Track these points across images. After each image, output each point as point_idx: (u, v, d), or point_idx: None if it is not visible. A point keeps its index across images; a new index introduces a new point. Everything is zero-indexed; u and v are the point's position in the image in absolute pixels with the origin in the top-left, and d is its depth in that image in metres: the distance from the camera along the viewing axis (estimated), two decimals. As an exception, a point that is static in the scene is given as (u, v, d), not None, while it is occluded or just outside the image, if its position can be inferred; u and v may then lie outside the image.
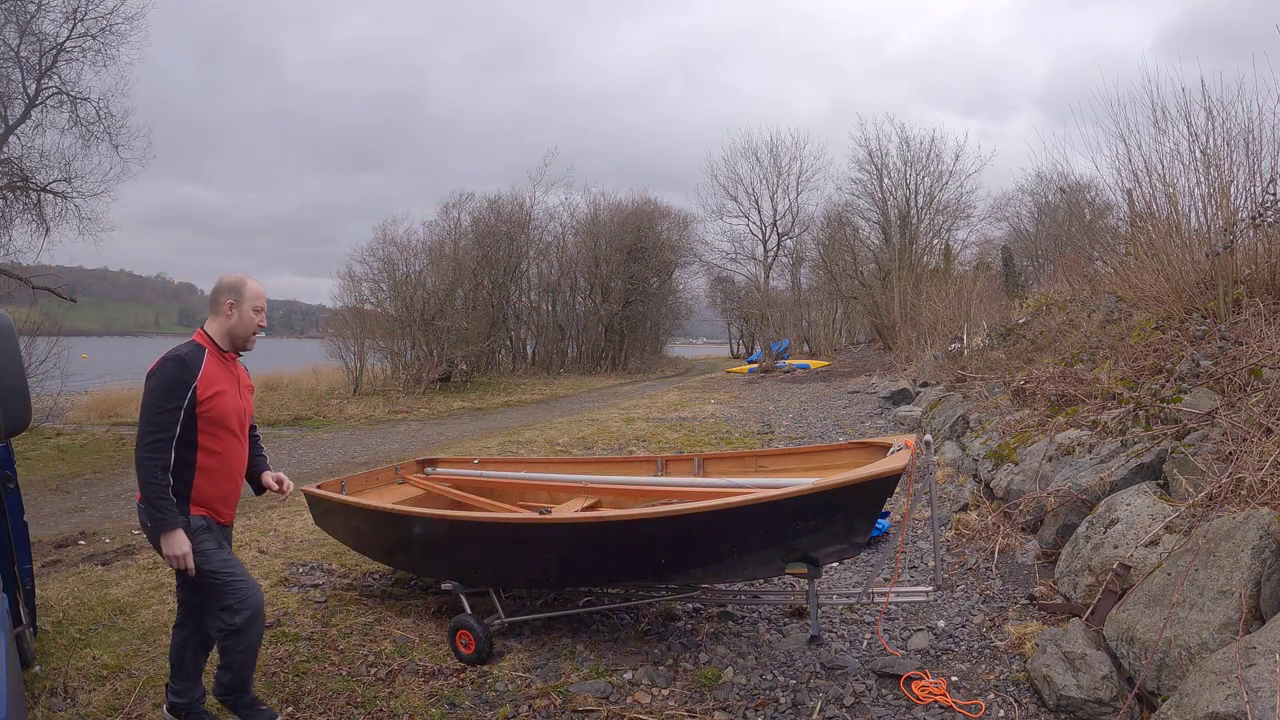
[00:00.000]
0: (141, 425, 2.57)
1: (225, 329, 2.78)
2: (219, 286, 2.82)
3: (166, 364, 2.61)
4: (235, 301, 2.77)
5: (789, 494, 2.90)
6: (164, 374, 2.59)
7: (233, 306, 2.77)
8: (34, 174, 13.92)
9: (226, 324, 2.78)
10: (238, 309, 2.77)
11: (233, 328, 2.78)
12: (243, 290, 2.78)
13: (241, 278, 2.81)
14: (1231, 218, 5.31)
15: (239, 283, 2.80)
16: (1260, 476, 3.11)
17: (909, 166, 28.14)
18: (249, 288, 2.80)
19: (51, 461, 9.92)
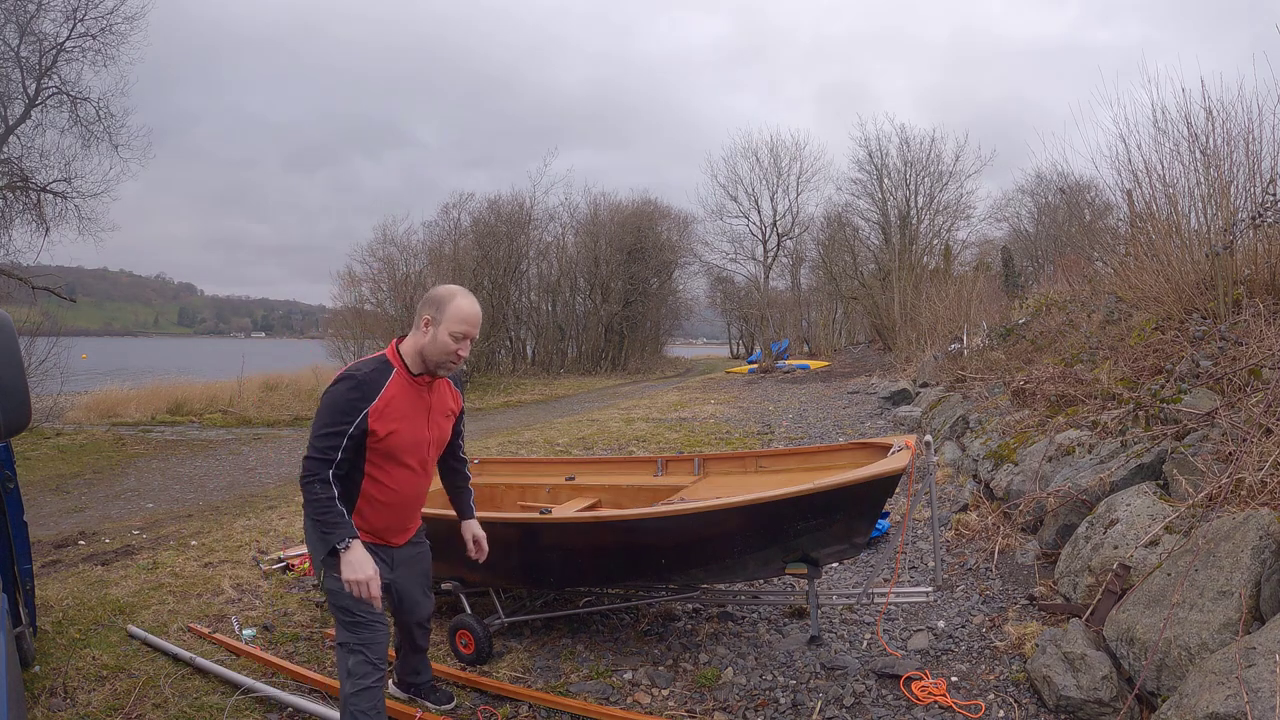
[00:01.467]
0: (309, 441, 2.29)
1: (417, 347, 2.38)
2: (425, 297, 2.42)
3: (341, 382, 2.30)
4: (433, 318, 2.34)
5: (789, 494, 2.90)
6: (334, 393, 2.28)
7: (430, 324, 2.35)
8: (34, 174, 13.94)
9: (420, 341, 2.37)
10: (434, 328, 2.34)
11: (424, 348, 2.36)
12: (445, 308, 2.34)
13: (452, 291, 2.37)
14: (1231, 218, 5.31)
15: (444, 298, 2.36)
16: (1260, 477, 3.11)
17: (909, 167, 28.20)
18: (455, 307, 2.34)
19: (51, 461, 9.92)
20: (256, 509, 6.78)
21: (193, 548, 5.36)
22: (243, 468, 9.50)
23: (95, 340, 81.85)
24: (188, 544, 5.49)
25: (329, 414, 2.27)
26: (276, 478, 8.76)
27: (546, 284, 32.64)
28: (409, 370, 2.39)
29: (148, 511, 7.05)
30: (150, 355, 52.43)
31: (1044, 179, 24.28)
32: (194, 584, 4.48)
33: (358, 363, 2.37)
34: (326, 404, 2.28)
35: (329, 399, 2.28)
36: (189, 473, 9.20)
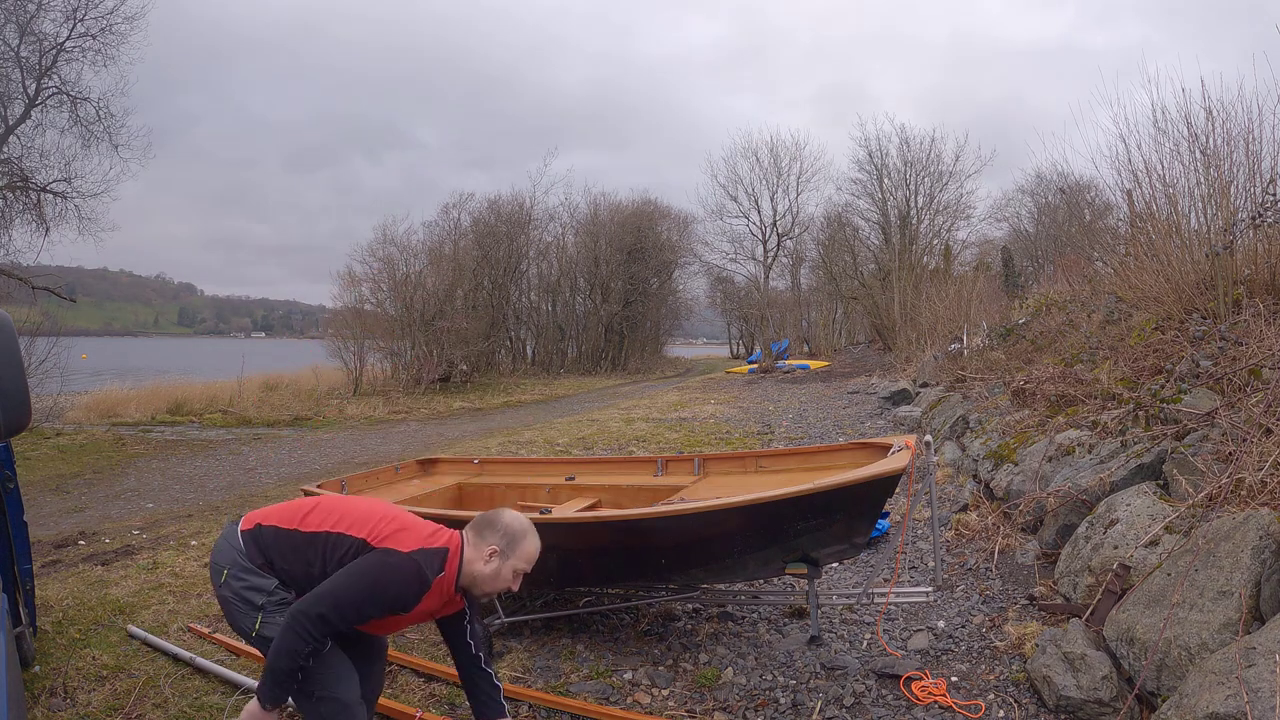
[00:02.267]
0: (323, 599, 2.07)
1: (475, 573, 2.23)
2: (494, 523, 2.28)
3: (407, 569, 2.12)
4: (502, 551, 2.23)
5: (789, 494, 2.90)
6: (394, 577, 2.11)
7: (497, 555, 2.23)
8: (34, 174, 13.93)
9: (480, 570, 2.23)
10: (501, 560, 2.24)
11: (481, 577, 2.23)
12: (517, 546, 2.24)
13: (525, 528, 2.27)
14: (1231, 218, 5.31)
15: (517, 535, 2.25)
16: (1260, 477, 3.11)
17: (909, 167, 28.19)
18: (527, 548, 2.26)
19: (51, 461, 9.92)
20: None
21: (193, 548, 5.36)
22: (243, 468, 9.50)
23: (95, 340, 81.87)
24: (188, 544, 5.48)
25: (373, 593, 2.09)
26: (276, 478, 8.76)
27: (546, 284, 32.64)
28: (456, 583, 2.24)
29: (148, 511, 7.05)
30: (150, 355, 52.43)
31: (1044, 179, 24.29)
32: (194, 584, 4.48)
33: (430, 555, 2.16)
34: (377, 580, 2.09)
35: (386, 577, 2.09)
36: (189, 473, 9.20)
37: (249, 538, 2.28)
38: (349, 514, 2.28)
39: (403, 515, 2.31)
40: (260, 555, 2.25)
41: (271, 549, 2.26)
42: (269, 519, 2.32)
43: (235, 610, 2.21)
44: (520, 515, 2.32)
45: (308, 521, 2.28)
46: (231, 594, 2.20)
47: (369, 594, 2.10)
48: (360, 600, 2.09)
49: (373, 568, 2.13)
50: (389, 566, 2.12)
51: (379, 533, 2.22)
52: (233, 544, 2.26)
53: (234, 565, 2.24)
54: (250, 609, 2.19)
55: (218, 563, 2.27)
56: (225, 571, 2.23)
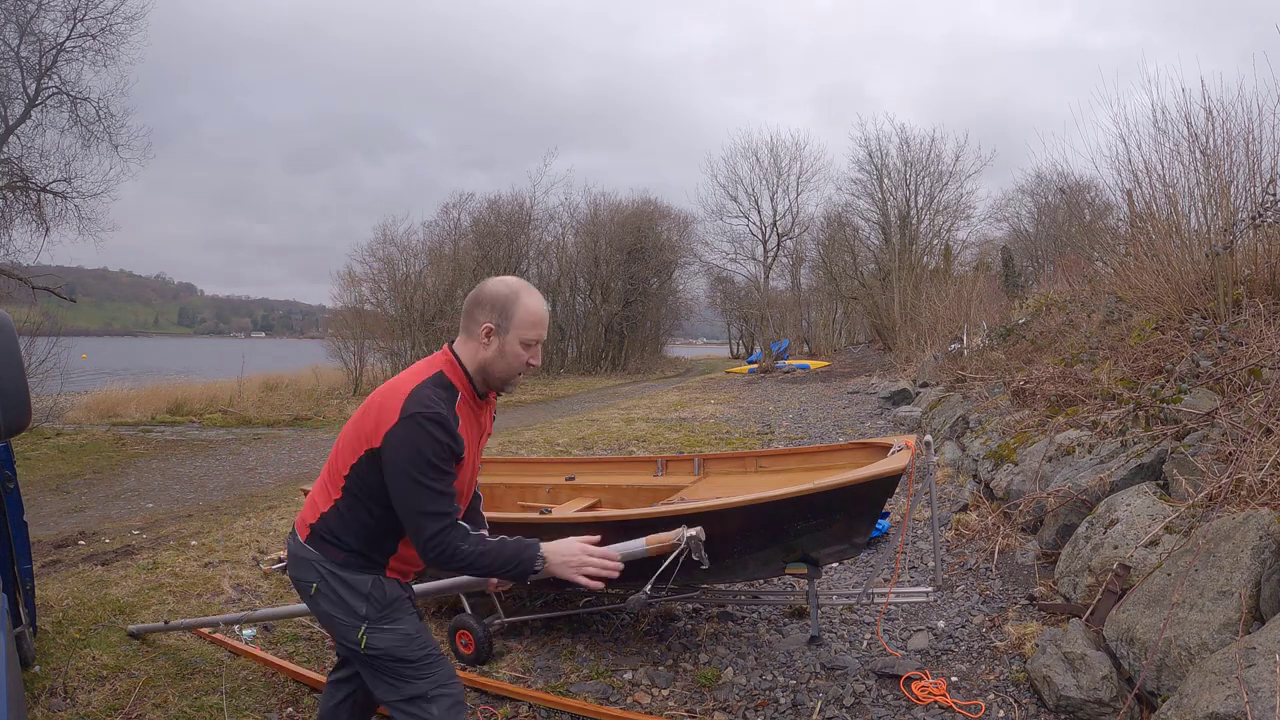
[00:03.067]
0: (417, 509, 1.79)
1: (480, 362, 1.91)
2: (478, 297, 1.92)
3: (431, 424, 1.78)
4: (497, 326, 1.88)
5: (789, 494, 2.90)
6: (427, 440, 1.78)
7: (492, 333, 1.88)
8: (34, 174, 13.94)
9: (481, 356, 1.90)
10: (499, 337, 1.88)
11: (489, 364, 1.90)
12: (512, 311, 1.88)
13: (513, 289, 1.90)
14: (1231, 218, 5.31)
15: (507, 299, 1.88)
16: (1260, 477, 3.11)
17: (909, 167, 28.21)
18: (523, 309, 1.88)
19: (51, 461, 9.92)
20: (256, 509, 6.78)
21: (193, 548, 5.36)
22: (243, 468, 9.50)
23: (95, 340, 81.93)
24: (188, 544, 5.48)
25: (431, 469, 1.78)
26: (276, 478, 8.76)
27: (546, 284, 32.63)
28: (475, 391, 1.93)
29: (148, 511, 7.05)
30: (150, 355, 52.44)
31: (1044, 179, 24.30)
32: (194, 584, 4.48)
33: (428, 392, 1.82)
34: (421, 455, 1.77)
35: (425, 447, 1.77)
36: (189, 473, 9.20)
37: (316, 539, 1.96)
38: (342, 446, 1.95)
39: (378, 396, 1.92)
40: (333, 548, 1.94)
41: (334, 530, 1.94)
42: (313, 515, 1.99)
43: (338, 625, 1.94)
44: (506, 279, 1.93)
45: (332, 488, 1.95)
46: (330, 606, 1.93)
47: (429, 469, 1.77)
48: (429, 478, 1.77)
49: (402, 448, 1.78)
50: (409, 434, 1.78)
51: (368, 427, 1.86)
52: (305, 555, 1.96)
53: (319, 576, 1.93)
54: (353, 619, 1.91)
55: (302, 579, 1.98)
56: (314, 585, 1.94)
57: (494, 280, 1.95)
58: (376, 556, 1.94)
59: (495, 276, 1.98)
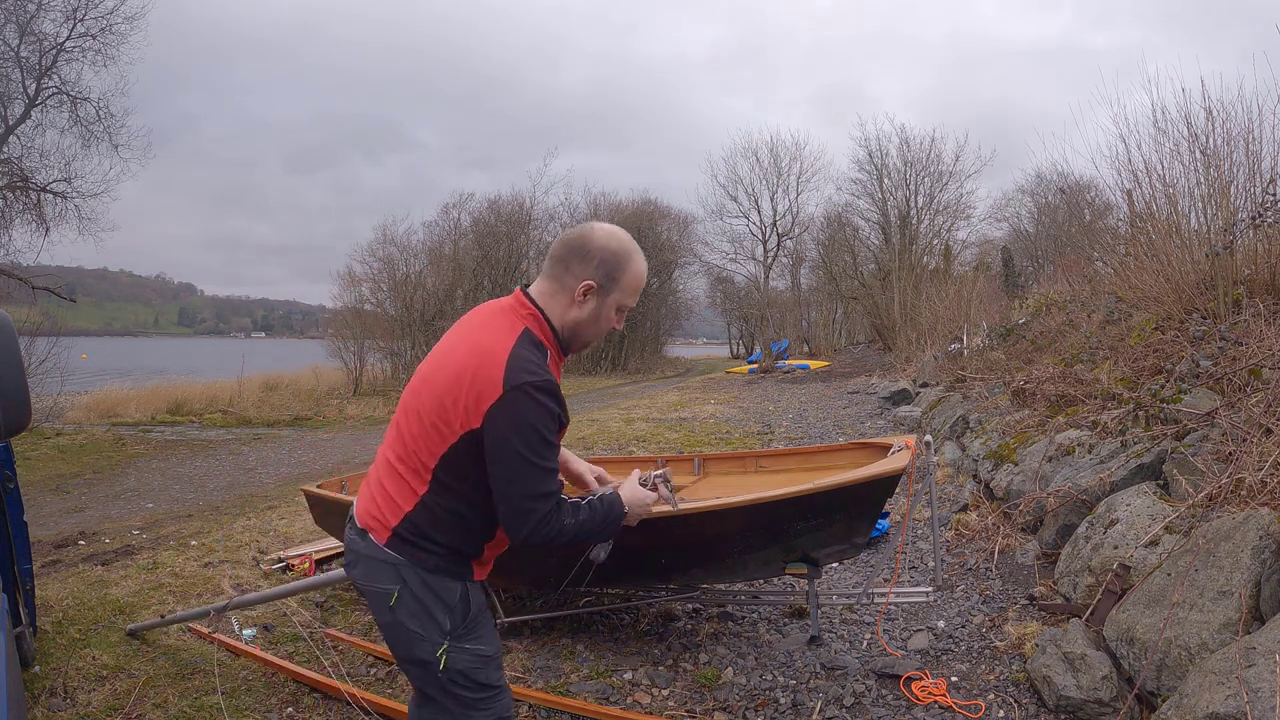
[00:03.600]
0: (526, 493, 1.58)
1: (570, 321, 1.69)
2: (583, 248, 1.66)
3: (540, 393, 1.55)
4: (600, 285, 1.66)
5: (789, 494, 2.90)
6: (536, 410, 1.55)
7: (592, 293, 1.67)
8: (34, 174, 13.96)
9: (574, 314, 1.68)
10: (600, 298, 1.68)
11: (580, 323, 1.69)
12: (621, 273, 1.67)
13: (625, 247, 1.68)
14: (1231, 218, 5.31)
15: (619, 258, 1.66)
16: (1260, 477, 3.11)
17: (909, 167, 28.22)
18: (634, 273, 1.69)
19: (51, 461, 9.93)
20: (256, 509, 6.78)
21: (193, 548, 5.36)
22: (243, 468, 9.51)
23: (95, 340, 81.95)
24: (188, 544, 5.49)
25: (544, 446, 1.57)
26: (276, 478, 8.76)
27: (547, 284, 32.62)
28: (560, 348, 1.72)
29: (148, 511, 7.05)
30: (150, 355, 52.44)
31: (1044, 179, 24.31)
32: (194, 584, 4.48)
33: (527, 356, 1.58)
34: (535, 431, 1.55)
35: (539, 421, 1.55)
36: (189, 473, 9.20)
37: (400, 542, 1.67)
38: (418, 429, 1.64)
39: (464, 363, 1.60)
40: (424, 552, 1.67)
41: (424, 530, 1.67)
42: (394, 515, 1.68)
43: (413, 640, 1.67)
44: (614, 230, 1.69)
45: (414, 480, 1.67)
46: (409, 618, 1.66)
47: (537, 442, 1.56)
48: (536, 452, 1.55)
49: (513, 425, 1.54)
50: (519, 409, 1.53)
51: (464, 401, 1.56)
52: (385, 558, 1.68)
53: (403, 583, 1.66)
54: (435, 635, 1.66)
55: (378, 586, 1.69)
56: (395, 594, 1.66)
57: (600, 230, 1.68)
58: (471, 553, 1.72)
59: (596, 223, 1.71)
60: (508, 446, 1.55)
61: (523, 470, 1.56)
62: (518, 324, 1.64)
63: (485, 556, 1.77)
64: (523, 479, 1.57)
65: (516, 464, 1.56)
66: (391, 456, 1.71)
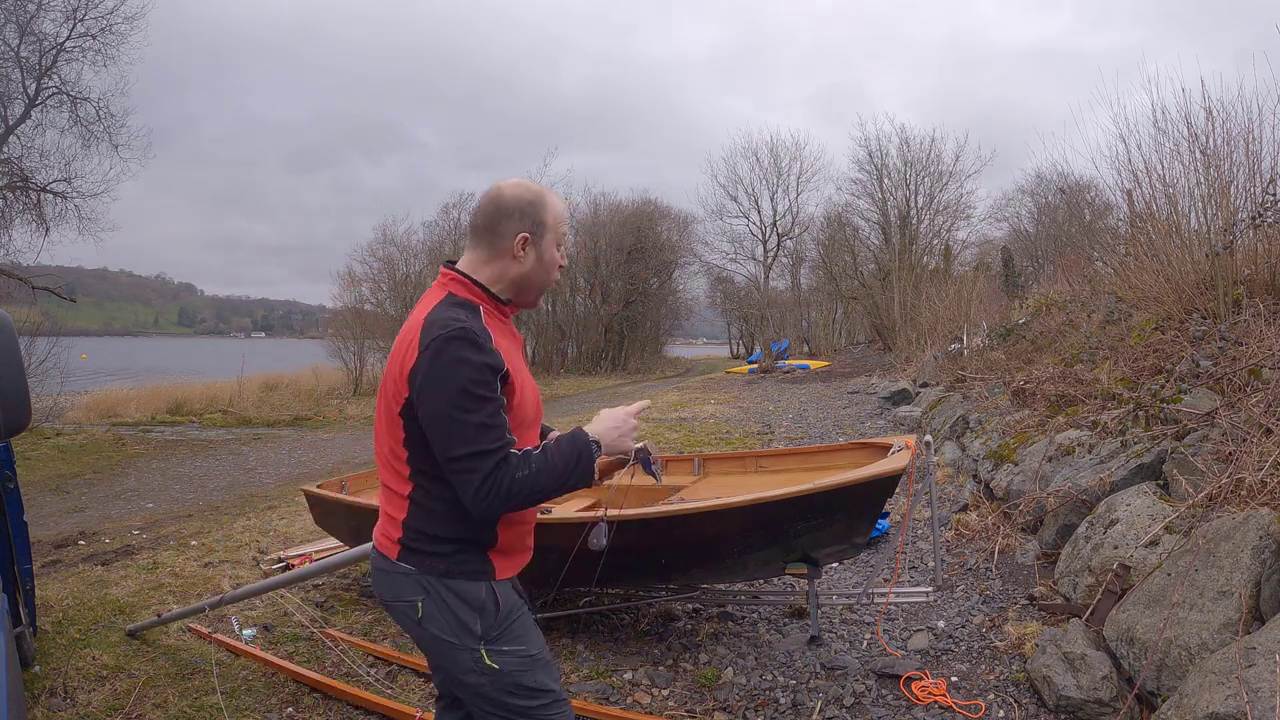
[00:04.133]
0: (462, 453, 1.47)
1: (514, 277, 1.64)
2: (500, 207, 1.62)
3: (453, 342, 1.46)
4: (532, 234, 1.62)
5: (789, 494, 2.90)
6: (457, 363, 1.46)
7: (529, 243, 1.63)
8: (34, 174, 13.97)
9: (515, 270, 1.64)
10: (536, 246, 1.64)
11: (526, 277, 1.65)
12: (544, 213, 1.63)
13: (537, 189, 1.65)
14: (1231, 218, 5.31)
15: (536, 200, 1.63)
16: (1260, 477, 3.11)
17: (909, 167, 28.21)
18: (552, 207, 1.65)
19: (51, 461, 9.93)
20: (256, 509, 6.78)
21: (193, 548, 5.36)
22: (243, 468, 9.51)
23: (95, 340, 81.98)
24: (188, 544, 5.49)
25: (469, 399, 1.45)
26: (276, 478, 8.76)
27: (546, 284, 32.63)
28: (498, 301, 1.65)
29: (148, 511, 7.05)
30: (150, 355, 52.45)
31: (1044, 179, 24.32)
32: (194, 584, 4.48)
33: (443, 314, 1.52)
34: (454, 384, 1.45)
35: (457, 373, 1.45)
36: (189, 473, 9.20)
37: (409, 553, 1.61)
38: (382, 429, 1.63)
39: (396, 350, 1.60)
40: (431, 556, 1.60)
41: (424, 530, 1.60)
42: (395, 528, 1.63)
43: (453, 652, 1.59)
44: (520, 181, 1.67)
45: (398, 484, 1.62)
46: (439, 628, 1.59)
47: (466, 396, 1.46)
48: (468, 406, 1.46)
49: (431, 383, 1.47)
50: (434, 365, 1.47)
51: (394, 383, 1.55)
52: (399, 570, 1.61)
53: (423, 590, 1.59)
54: (469, 640, 1.58)
55: (401, 598, 1.62)
56: (419, 603, 1.59)
57: (507, 186, 1.64)
58: (485, 541, 1.61)
59: (500, 183, 1.66)
60: (434, 407, 1.47)
61: (452, 429, 1.46)
62: (439, 292, 1.62)
63: (503, 543, 1.64)
64: (454, 439, 1.46)
65: (445, 424, 1.47)
66: (379, 467, 1.68)
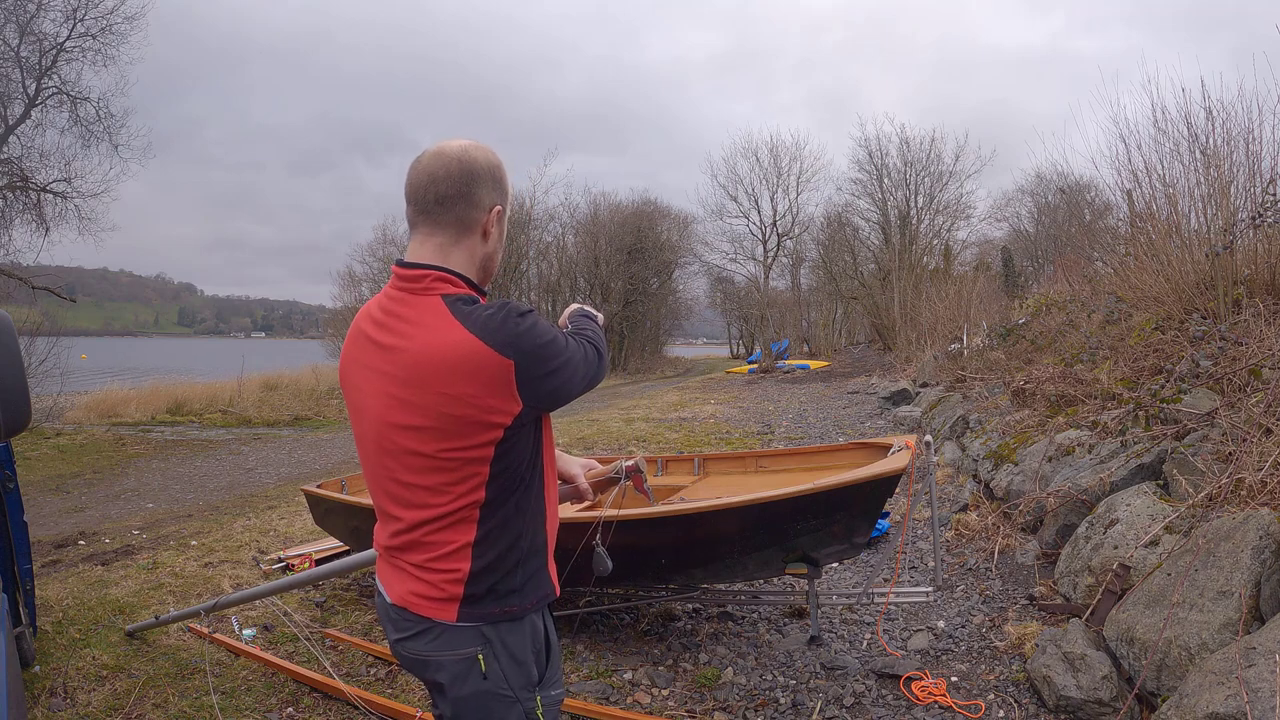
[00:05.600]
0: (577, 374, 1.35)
1: (483, 258, 1.41)
2: (473, 174, 1.34)
3: (526, 320, 1.28)
4: (503, 208, 1.41)
5: (789, 494, 2.90)
6: (536, 330, 1.28)
7: (500, 216, 1.41)
8: (34, 174, 13.97)
9: (483, 250, 1.40)
10: (501, 223, 1.43)
11: (491, 257, 1.43)
12: (508, 183, 1.43)
13: (494, 153, 1.41)
14: (1231, 218, 5.31)
15: (501, 166, 1.40)
16: (1260, 477, 3.11)
17: (909, 167, 28.24)
18: (507, 178, 1.44)
19: (51, 461, 9.93)
20: (256, 509, 6.78)
21: (193, 548, 5.36)
22: (243, 468, 9.51)
23: (95, 340, 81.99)
24: (188, 544, 5.49)
25: (554, 341, 1.31)
26: (276, 477, 8.76)
27: (546, 284, 32.65)
28: (480, 293, 1.43)
29: (148, 511, 7.05)
30: (150, 355, 52.44)
31: (1044, 179, 24.34)
32: (194, 584, 4.48)
33: (472, 309, 1.29)
34: (550, 342, 1.29)
35: (544, 335, 1.29)
36: (189, 473, 9.20)
37: (471, 605, 1.36)
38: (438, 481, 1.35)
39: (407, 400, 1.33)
40: (498, 602, 1.37)
41: (494, 572, 1.36)
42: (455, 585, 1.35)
43: (505, 706, 1.38)
44: (478, 143, 1.41)
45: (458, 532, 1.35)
46: (498, 683, 1.37)
47: (558, 349, 1.32)
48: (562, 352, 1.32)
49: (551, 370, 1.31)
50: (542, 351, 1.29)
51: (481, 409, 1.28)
52: (460, 627, 1.36)
53: (485, 642, 1.37)
54: (527, 689, 1.40)
55: (454, 654, 1.37)
56: (479, 655, 1.36)
57: (471, 147, 1.37)
58: (544, 548, 1.44)
59: (456, 143, 1.38)
60: (553, 379, 1.31)
61: (571, 373, 1.34)
62: (434, 302, 1.31)
63: (551, 544, 1.47)
64: (577, 377, 1.36)
65: (566, 376, 1.33)
66: (420, 536, 1.36)
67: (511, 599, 1.37)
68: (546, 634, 1.45)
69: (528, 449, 1.36)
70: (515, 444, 1.32)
